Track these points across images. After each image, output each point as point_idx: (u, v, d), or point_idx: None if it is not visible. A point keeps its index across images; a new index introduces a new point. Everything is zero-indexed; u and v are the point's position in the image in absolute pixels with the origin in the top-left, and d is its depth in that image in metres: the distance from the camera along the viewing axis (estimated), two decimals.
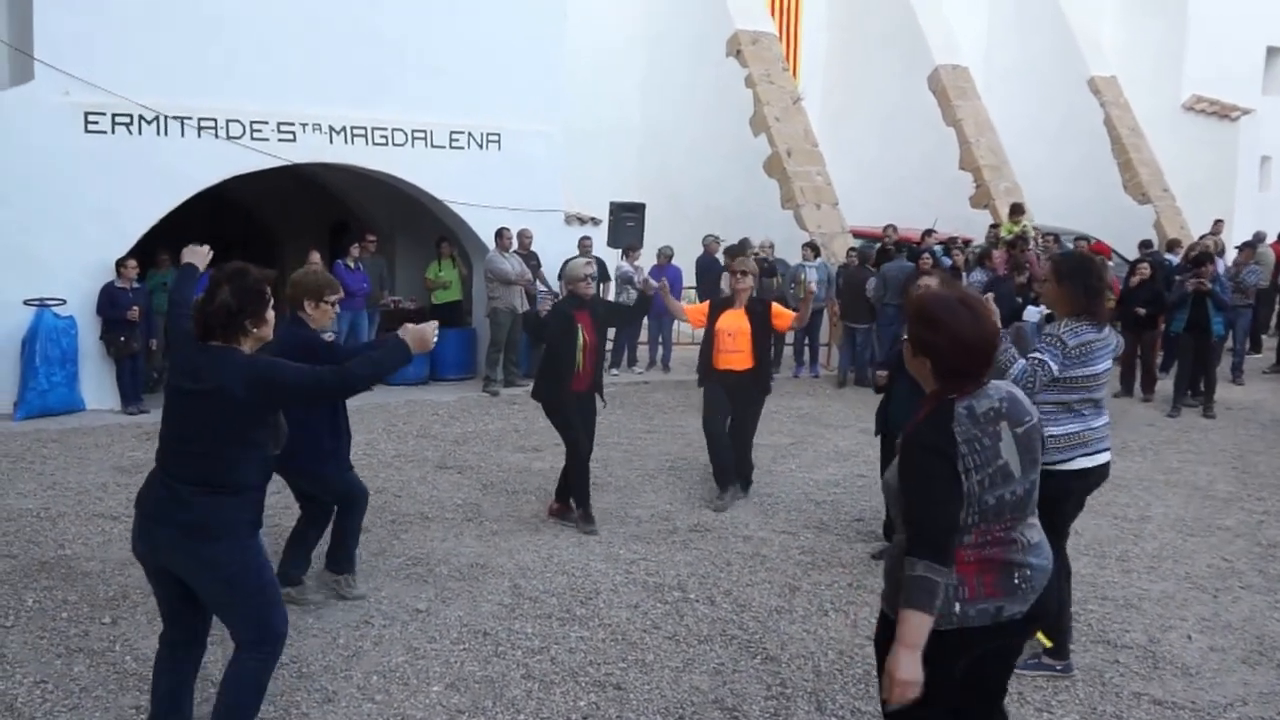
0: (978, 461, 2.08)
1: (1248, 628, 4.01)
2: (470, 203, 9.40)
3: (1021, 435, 2.15)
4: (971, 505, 2.09)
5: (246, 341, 2.64)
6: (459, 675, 3.51)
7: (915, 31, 13.47)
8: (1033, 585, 2.15)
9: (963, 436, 2.08)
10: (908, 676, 1.98)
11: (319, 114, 8.61)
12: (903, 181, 13.36)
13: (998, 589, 2.12)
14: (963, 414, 2.11)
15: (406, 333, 2.74)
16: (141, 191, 7.93)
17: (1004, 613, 2.12)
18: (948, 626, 2.09)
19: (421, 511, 5.43)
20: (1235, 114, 15.66)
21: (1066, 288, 3.43)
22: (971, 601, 2.10)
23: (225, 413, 2.55)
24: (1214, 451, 7.17)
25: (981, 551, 2.12)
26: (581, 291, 5.14)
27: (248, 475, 2.61)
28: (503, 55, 9.32)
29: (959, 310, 2.13)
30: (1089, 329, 3.39)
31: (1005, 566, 2.13)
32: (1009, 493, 2.12)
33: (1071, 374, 3.35)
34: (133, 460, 6.40)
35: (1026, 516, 2.17)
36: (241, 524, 2.61)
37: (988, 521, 2.11)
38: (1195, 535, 5.21)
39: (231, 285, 2.59)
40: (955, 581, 2.09)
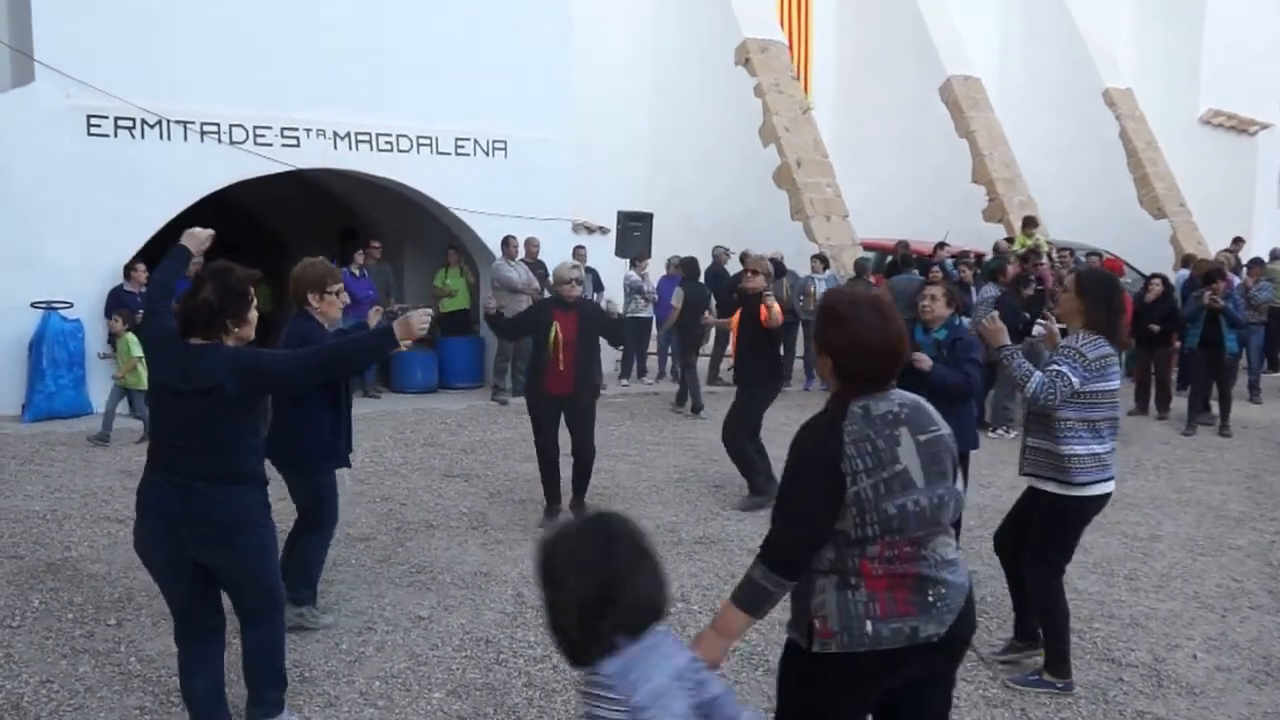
0: (869, 464, 1.97)
1: (1255, 648, 3.95)
2: (477, 210, 9.44)
3: (925, 444, 2.02)
4: (868, 512, 1.97)
5: (227, 340, 2.68)
6: (460, 682, 3.51)
7: (926, 42, 13.46)
8: (948, 604, 2.02)
9: (852, 437, 1.98)
10: (707, 656, 1.95)
11: (323, 119, 8.69)
12: (915, 194, 13.33)
13: (911, 606, 1.99)
14: (857, 413, 2.01)
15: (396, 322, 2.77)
16: (146, 196, 8.01)
17: (920, 633, 1.98)
18: (860, 648, 1.97)
19: (427, 520, 5.44)
20: (1254, 128, 15.53)
21: (1089, 302, 3.38)
22: (884, 620, 1.97)
23: (223, 409, 2.61)
24: (1228, 470, 7.07)
25: (891, 567, 1.99)
26: (565, 293, 5.17)
27: (253, 462, 2.71)
28: (509, 62, 9.38)
29: (864, 311, 2.05)
30: (1104, 344, 3.35)
31: (919, 582, 2.00)
32: (911, 502, 1.98)
33: (1093, 388, 3.29)
34: (139, 464, 6.34)
35: (940, 533, 2.05)
36: (260, 507, 2.73)
37: (892, 533, 1.98)
38: (1205, 554, 5.14)
39: (214, 283, 2.63)
40: (866, 598, 1.98)
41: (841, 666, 1.99)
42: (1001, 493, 5.98)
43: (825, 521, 1.99)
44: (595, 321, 5.21)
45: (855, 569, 2.00)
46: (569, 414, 5.25)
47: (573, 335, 5.08)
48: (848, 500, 1.97)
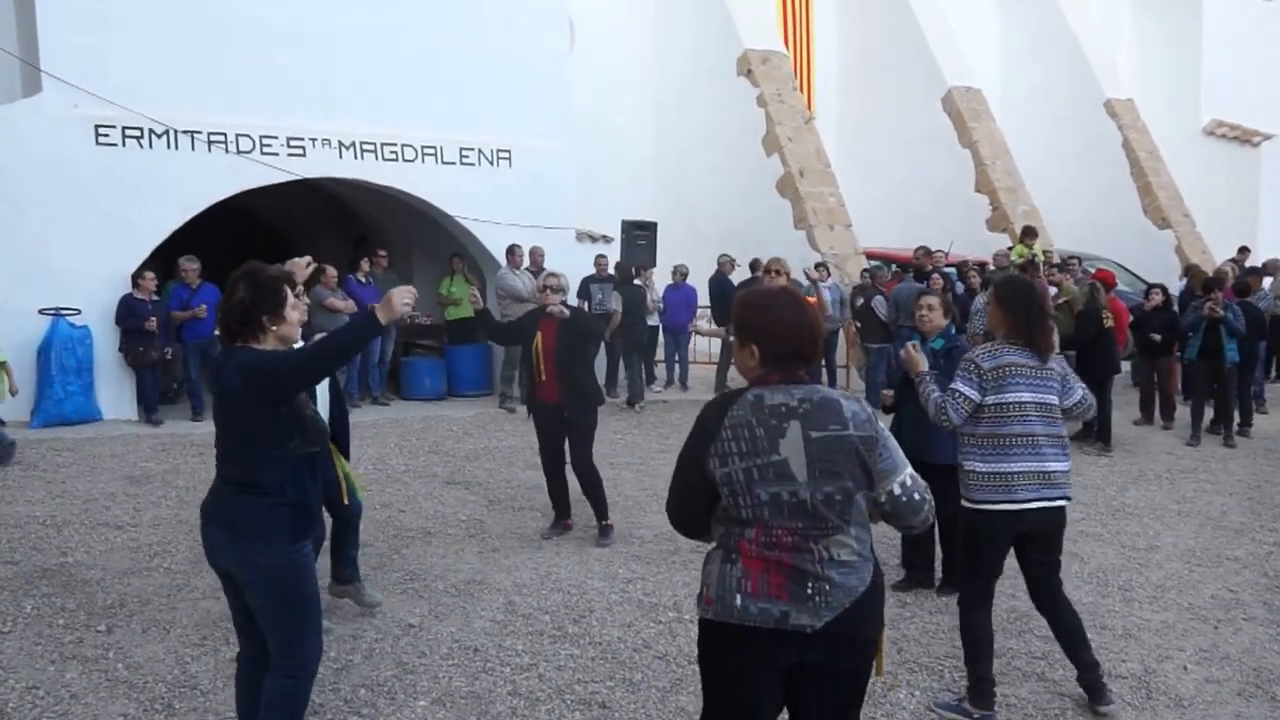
0: (743, 449, 2.05)
1: (1246, 659, 3.94)
2: (481, 219, 9.52)
3: (817, 440, 2.06)
4: (740, 495, 2.07)
5: (267, 340, 2.62)
6: (446, 691, 3.53)
7: (928, 53, 13.50)
8: (829, 602, 2.05)
9: (732, 421, 2.07)
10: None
11: (328, 129, 8.80)
12: (918, 203, 13.34)
13: (784, 592, 2.05)
14: (747, 400, 2.09)
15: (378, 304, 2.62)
16: (153, 204, 8.12)
17: (790, 619, 2.04)
18: (730, 619, 2.08)
19: (425, 527, 5.48)
20: (1257, 139, 15.49)
21: (1006, 311, 3.34)
22: (753, 597, 2.06)
23: (234, 411, 2.60)
24: (1230, 481, 7.04)
25: (766, 552, 2.07)
26: (544, 302, 5.18)
27: (272, 476, 2.58)
28: (513, 72, 9.48)
29: (783, 297, 2.18)
30: (1014, 353, 3.27)
31: (796, 573, 2.06)
32: (787, 493, 2.04)
33: (995, 400, 3.21)
34: (144, 471, 6.52)
35: (830, 531, 2.07)
36: (277, 528, 2.58)
37: (767, 519, 2.06)
38: (1202, 565, 5.12)
39: (246, 282, 2.61)
40: (740, 574, 2.08)
41: (718, 633, 2.12)
42: None
43: (694, 492, 2.14)
44: (576, 328, 5.15)
45: (734, 546, 2.12)
46: (566, 425, 5.22)
47: (551, 345, 5.06)
48: (720, 479, 2.08)
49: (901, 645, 3.99)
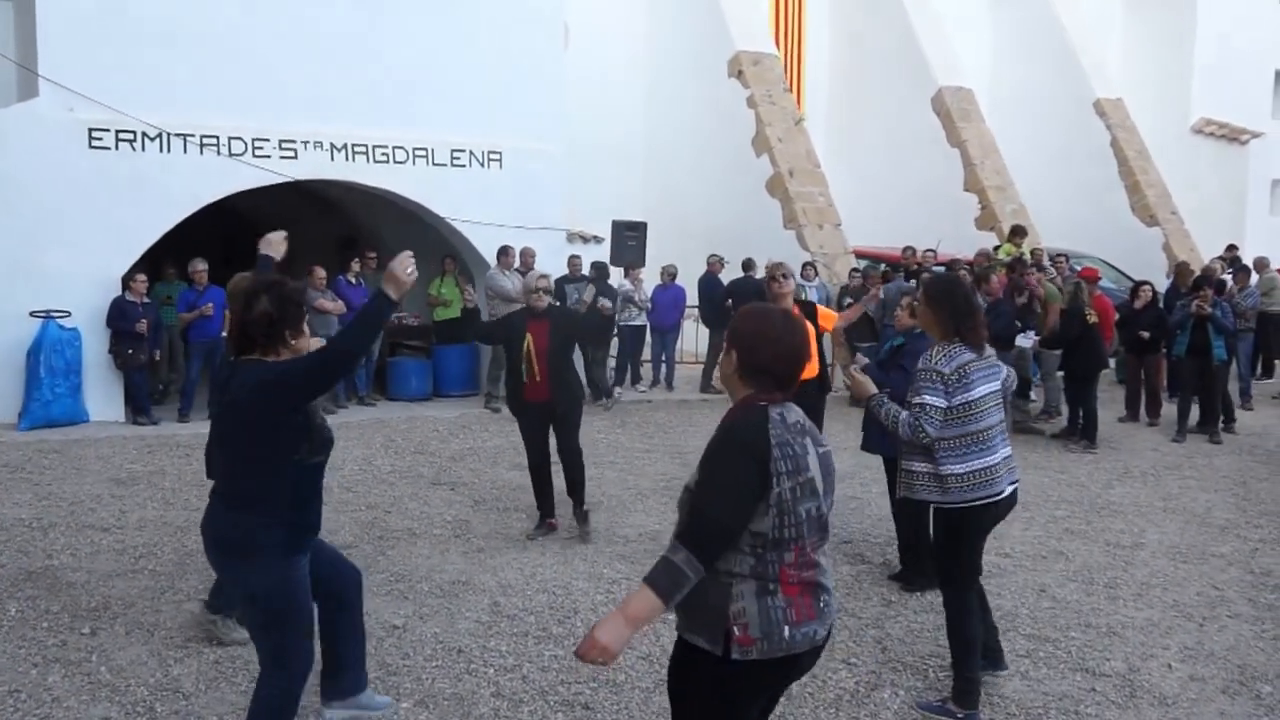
0: (790, 467, 2.04)
1: (1231, 657, 3.95)
2: (472, 220, 9.51)
3: (823, 455, 2.16)
4: (787, 514, 2.03)
5: (285, 353, 2.59)
6: (429, 692, 3.52)
7: (918, 53, 13.53)
8: (830, 608, 2.16)
9: (776, 440, 2.05)
10: (607, 641, 1.94)
11: (320, 131, 8.78)
12: (907, 203, 13.38)
13: (813, 611, 2.10)
14: (777, 418, 2.09)
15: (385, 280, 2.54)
16: (145, 206, 8.12)
17: (817, 636, 2.11)
18: (778, 653, 2.03)
19: (410, 528, 5.47)
20: (1245, 137, 15.59)
21: (934, 310, 3.36)
22: (798, 625, 2.05)
23: (239, 425, 2.56)
24: (1216, 478, 7.08)
25: (801, 574, 2.08)
26: (533, 304, 5.25)
27: (272, 491, 2.54)
28: (504, 74, 9.47)
29: (775, 316, 2.18)
30: (963, 351, 3.30)
31: (816, 590, 2.12)
32: (814, 508, 2.09)
33: (960, 400, 3.24)
34: (130, 473, 6.49)
35: (826, 539, 2.18)
36: (270, 543, 2.54)
37: (803, 539, 2.07)
38: (1188, 563, 5.14)
39: (270, 294, 2.57)
40: (785, 604, 2.04)
41: (755, 672, 2.03)
42: None
43: (749, 515, 2.01)
44: (567, 326, 5.27)
45: (774, 575, 2.04)
46: (554, 420, 5.29)
47: (544, 344, 5.15)
48: (770, 500, 2.02)
49: (886, 645, 4.00)
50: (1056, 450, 7.92)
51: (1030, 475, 7.01)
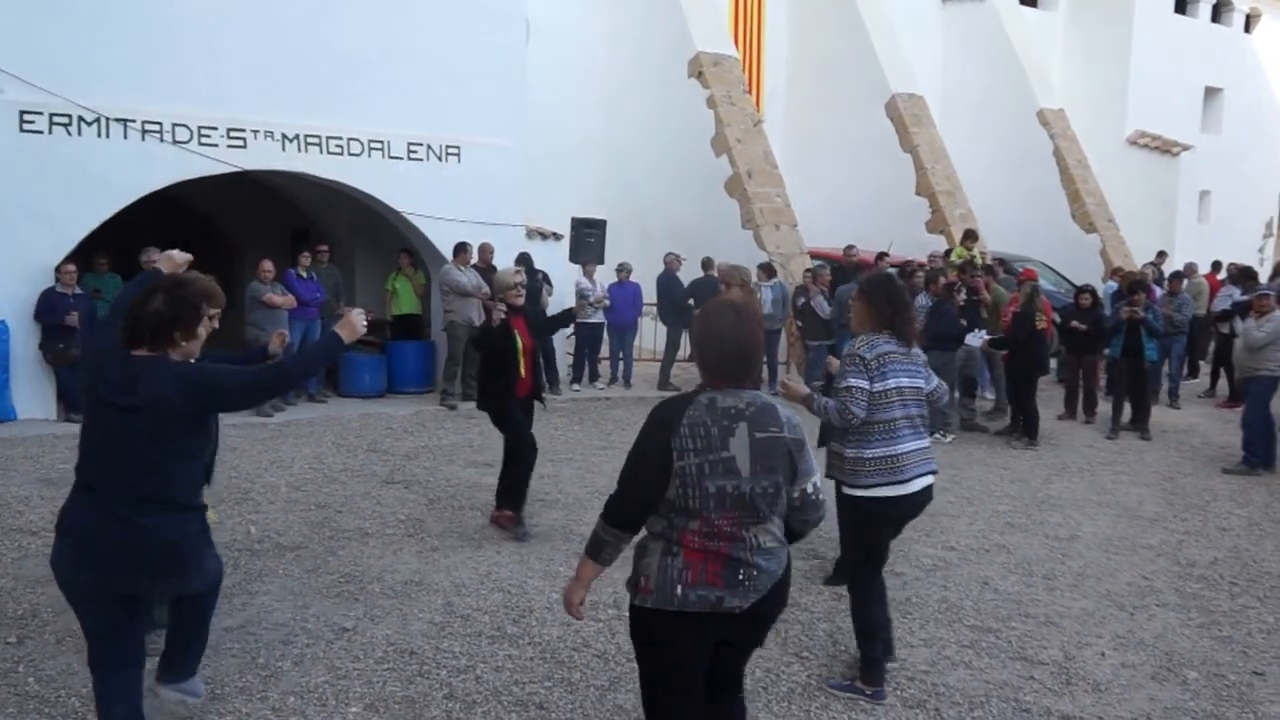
0: (697, 445, 2.28)
1: (1159, 644, 4.16)
2: (428, 215, 9.40)
3: (760, 440, 2.32)
4: (690, 487, 2.28)
5: (174, 353, 2.60)
6: (379, 696, 3.47)
7: (872, 60, 13.81)
8: (756, 585, 2.33)
9: (689, 420, 2.29)
10: (566, 595, 2.47)
11: (271, 120, 8.57)
12: (861, 205, 13.66)
13: (719, 579, 2.30)
14: (702, 402, 2.33)
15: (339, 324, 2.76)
16: (81, 195, 7.79)
17: (724, 603, 2.30)
18: (668, 606, 2.30)
19: (362, 527, 5.39)
20: (1176, 149, 16.29)
21: (869, 304, 3.52)
22: (693, 586, 2.29)
23: (165, 426, 2.50)
24: (1146, 473, 7.41)
25: (707, 542, 2.30)
26: (511, 299, 5.26)
27: (188, 486, 2.59)
28: (462, 68, 9.37)
29: (725, 313, 2.41)
30: (887, 342, 3.45)
31: (730, 561, 2.31)
32: (731, 485, 2.29)
33: (879, 388, 3.38)
34: (61, 473, 6.26)
35: (760, 520, 2.34)
36: (204, 537, 2.65)
37: (710, 511, 2.29)
38: (1119, 554, 5.38)
39: (168, 295, 2.57)
40: (682, 565, 2.30)
41: (655, 619, 2.34)
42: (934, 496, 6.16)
43: (650, 486, 2.31)
44: (538, 322, 5.45)
45: (678, 539, 2.32)
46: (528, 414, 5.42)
47: (529, 341, 5.27)
48: (675, 472, 2.28)
49: (837, 638, 4.10)
50: (1000, 447, 8.20)
51: (975, 471, 7.25)
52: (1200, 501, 6.58)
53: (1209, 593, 4.82)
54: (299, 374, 2.77)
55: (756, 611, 2.34)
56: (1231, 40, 18.33)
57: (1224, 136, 17.80)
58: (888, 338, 3.46)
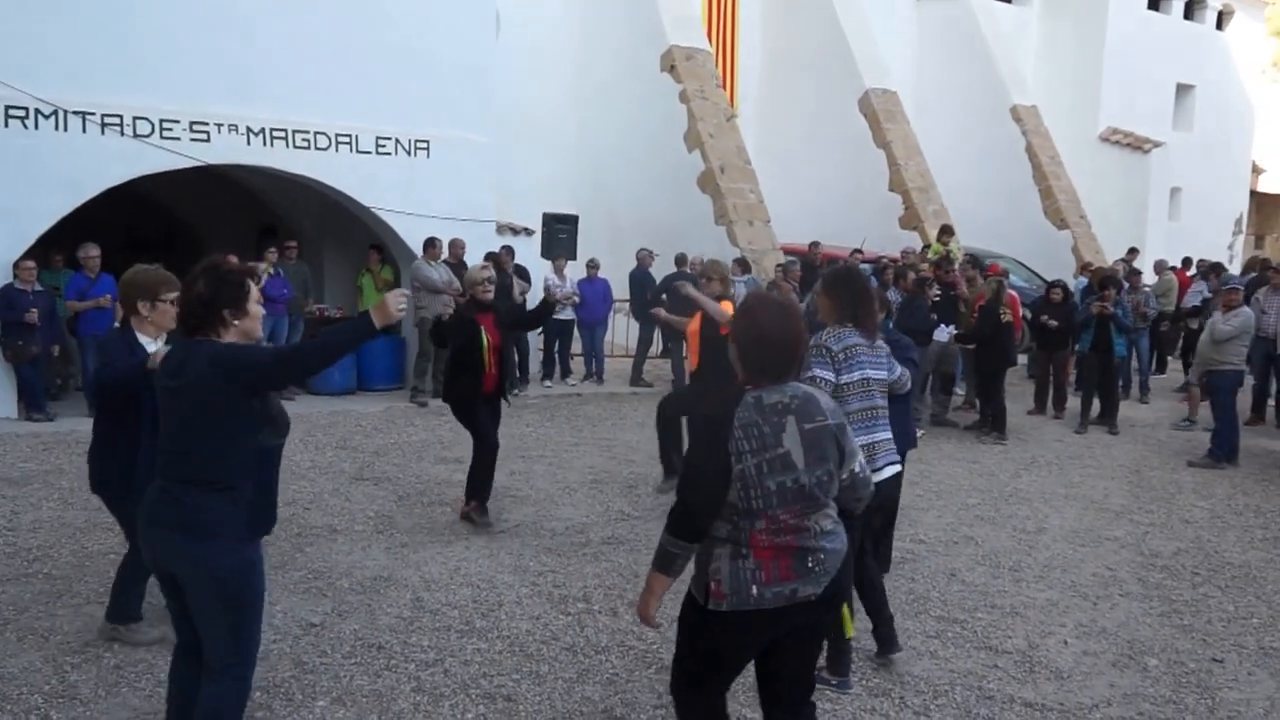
0: (752, 446, 2.29)
1: (1121, 633, 4.20)
2: (398, 210, 9.30)
3: (809, 431, 2.34)
4: (752, 488, 2.29)
5: (228, 334, 2.59)
6: (346, 689, 3.45)
7: (846, 55, 13.86)
8: (825, 568, 2.37)
9: (741, 422, 2.30)
10: (640, 611, 2.46)
11: (236, 114, 8.42)
12: (835, 201, 13.71)
13: (792, 572, 2.34)
14: (749, 402, 2.35)
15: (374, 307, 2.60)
16: (39, 190, 7.62)
17: (799, 594, 2.34)
18: (744, 607, 2.32)
19: (330, 524, 5.33)
20: (1148, 146, 16.50)
21: (832, 297, 3.54)
22: (768, 585, 2.32)
23: (199, 404, 2.52)
24: (1114, 466, 7.49)
25: (775, 539, 2.33)
26: (480, 295, 5.25)
27: (234, 472, 2.54)
28: (433, 61, 9.26)
29: (772, 310, 2.42)
30: (853, 334, 3.47)
31: (799, 552, 2.34)
32: (790, 480, 2.31)
33: (844, 380, 3.40)
34: (23, 472, 6.13)
35: (820, 507, 2.38)
36: (232, 524, 2.54)
37: (773, 508, 2.31)
38: (1085, 546, 5.43)
39: (207, 276, 2.59)
40: (754, 566, 2.31)
41: (730, 621, 2.34)
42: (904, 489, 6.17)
43: (713, 494, 2.31)
44: (509, 320, 5.41)
45: (746, 540, 2.33)
46: (493, 411, 5.38)
47: (496, 338, 5.22)
48: (734, 476, 2.29)
49: None
50: (970, 442, 8.25)
51: (944, 465, 7.29)
52: (1165, 494, 6.66)
53: (1171, 582, 4.88)
54: (322, 357, 2.62)
55: (829, 594, 2.38)
56: (1204, 37, 18.61)
57: (1195, 133, 18.07)
58: (852, 330, 3.48)
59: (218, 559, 2.53)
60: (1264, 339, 8.80)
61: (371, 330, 2.57)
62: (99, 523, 5.19)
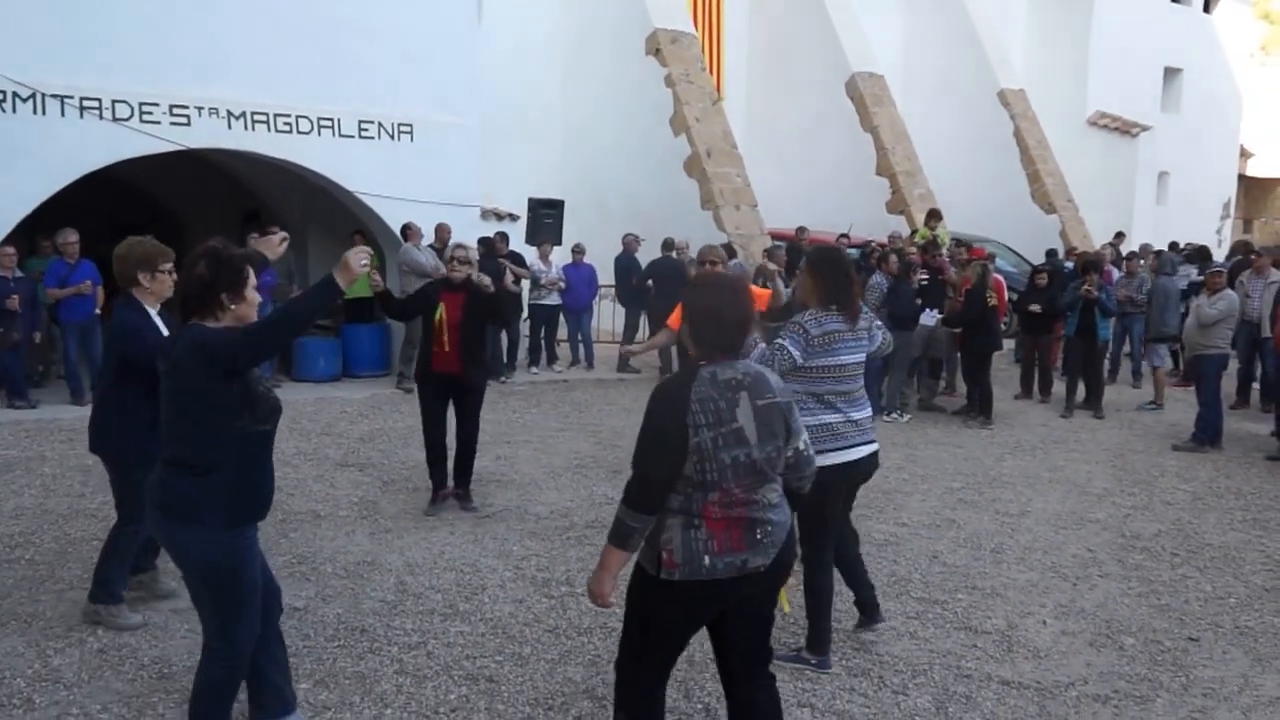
0: (709, 420, 2.34)
1: (1099, 613, 4.24)
2: (381, 194, 9.23)
3: (761, 408, 2.41)
4: (708, 461, 2.35)
5: (226, 318, 2.60)
6: (329, 672, 3.46)
7: (833, 39, 13.81)
8: (773, 539, 2.44)
9: (698, 396, 2.35)
10: (593, 588, 2.45)
11: (216, 97, 8.32)
12: (822, 185, 13.69)
13: (743, 544, 2.39)
14: (705, 377, 2.39)
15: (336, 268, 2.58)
16: (17, 174, 7.52)
17: (749, 564, 2.40)
18: (697, 577, 2.37)
19: (314, 510, 5.32)
20: (1135, 130, 16.53)
21: (817, 279, 3.51)
22: (720, 555, 2.37)
23: (181, 388, 2.55)
24: (1098, 450, 7.54)
25: (727, 511, 2.39)
26: (450, 274, 5.22)
27: (213, 455, 2.52)
28: (414, 44, 9.17)
29: (725, 289, 2.49)
30: (835, 320, 3.45)
31: (749, 524, 2.41)
32: (743, 454, 2.38)
33: (816, 363, 3.40)
34: (5, 459, 6.09)
35: (768, 481, 2.46)
36: (210, 511, 2.51)
37: (727, 481, 2.37)
38: (1067, 528, 5.47)
39: (208, 260, 2.60)
40: (706, 536, 2.37)
41: (681, 591, 2.39)
42: (888, 474, 6.23)
43: (671, 466, 2.35)
44: (481, 303, 5.25)
45: (698, 511, 2.38)
46: (457, 395, 5.26)
47: (458, 316, 5.11)
48: (691, 449, 2.34)
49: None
50: (956, 426, 8.29)
51: (929, 450, 7.33)
52: (1148, 477, 6.72)
53: (1150, 563, 4.93)
54: (292, 323, 2.56)
55: (777, 563, 2.44)
56: (1191, 21, 18.61)
57: (1183, 117, 18.11)
58: (835, 314, 3.47)
59: (195, 545, 2.53)
60: (1248, 322, 8.86)
61: (335, 289, 2.55)
62: (81, 509, 5.17)
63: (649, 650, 2.51)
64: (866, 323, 3.60)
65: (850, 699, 3.39)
